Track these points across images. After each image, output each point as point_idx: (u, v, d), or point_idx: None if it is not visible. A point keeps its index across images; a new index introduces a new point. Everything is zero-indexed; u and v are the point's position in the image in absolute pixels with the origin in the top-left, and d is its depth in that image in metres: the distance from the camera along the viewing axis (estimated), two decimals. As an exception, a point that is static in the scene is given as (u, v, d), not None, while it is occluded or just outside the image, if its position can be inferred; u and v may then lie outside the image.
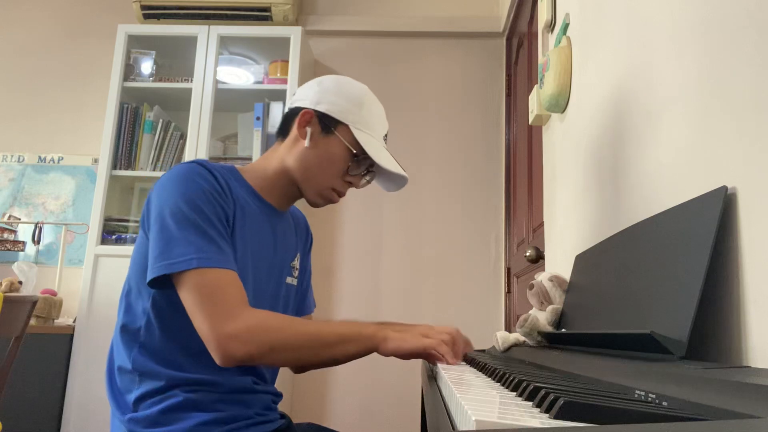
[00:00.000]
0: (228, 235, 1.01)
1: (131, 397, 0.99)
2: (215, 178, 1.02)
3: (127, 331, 1.02)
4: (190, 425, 0.96)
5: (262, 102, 2.67)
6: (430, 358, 0.95)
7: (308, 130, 1.10)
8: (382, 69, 2.98)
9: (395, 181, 1.16)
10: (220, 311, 0.91)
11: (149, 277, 0.95)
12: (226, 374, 1.02)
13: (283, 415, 1.16)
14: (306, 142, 1.10)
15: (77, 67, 3.11)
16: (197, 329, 0.92)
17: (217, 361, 0.91)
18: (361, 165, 1.13)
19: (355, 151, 1.10)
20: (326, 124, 1.11)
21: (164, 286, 0.97)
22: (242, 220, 1.06)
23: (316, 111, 1.11)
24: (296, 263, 1.22)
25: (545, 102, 1.57)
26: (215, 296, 0.91)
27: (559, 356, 0.86)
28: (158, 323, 1.00)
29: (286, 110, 1.16)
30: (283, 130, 1.15)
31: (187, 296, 0.93)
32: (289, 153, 1.12)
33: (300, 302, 1.28)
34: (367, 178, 1.17)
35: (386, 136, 1.17)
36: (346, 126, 1.10)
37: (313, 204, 1.15)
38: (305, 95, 1.13)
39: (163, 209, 0.97)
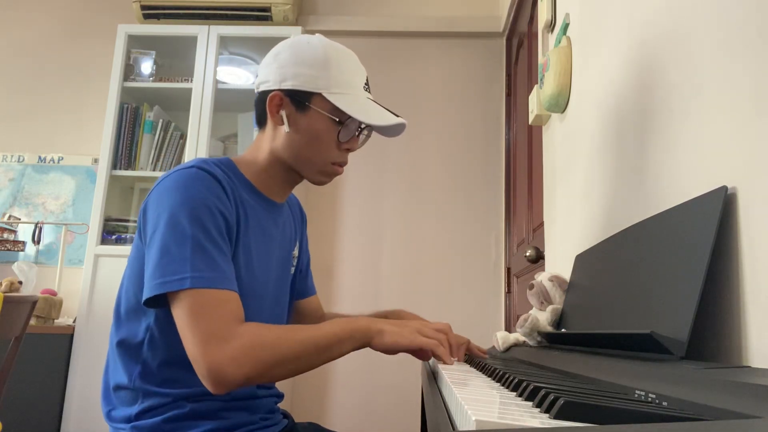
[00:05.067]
0: (229, 249, 0.94)
1: (133, 410, 0.96)
2: (218, 182, 0.95)
3: (126, 348, 0.97)
4: None
5: (262, 102, 2.67)
6: (422, 355, 0.93)
7: (282, 113, 1.01)
8: (382, 69, 2.98)
9: (393, 127, 1.05)
10: (211, 334, 0.83)
11: (144, 296, 0.88)
12: None
13: (285, 415, 1.16)
14: (285, 127, 1.02)
15: (77, 67, 3.11)
16: (188, 353, 0.85)
17: (210, 388, 0.83)
18: (350, 128, 1.03)
19: (338, 119, 1.01)
20: (298, 100, 1.01)
21: (159, 305, 0.90)
22: (245, 224, 1.00)
23: (283, 90, 1.01)
24: (296, 252, 1.18)
25: (545, 102, 1.57)
26: (206, 317, 0.84)
27: (559, 356, 0.86)
28: (162, 339, 0.95)
29: (255, 96, 1.07)
30: (260, 119, 1.08)
31: (178, 316, 0.87)
32: (274, 141, 1.04)
33: (301, 284, 1.24)
34: (365, 133, 1.08)
35: (367, 83, 1.07)
36: (319, 95, 1.00)
37: (318, 183, 1.08)
38: (267, 76, 1.03)
39: (159, 221, 0.90)
